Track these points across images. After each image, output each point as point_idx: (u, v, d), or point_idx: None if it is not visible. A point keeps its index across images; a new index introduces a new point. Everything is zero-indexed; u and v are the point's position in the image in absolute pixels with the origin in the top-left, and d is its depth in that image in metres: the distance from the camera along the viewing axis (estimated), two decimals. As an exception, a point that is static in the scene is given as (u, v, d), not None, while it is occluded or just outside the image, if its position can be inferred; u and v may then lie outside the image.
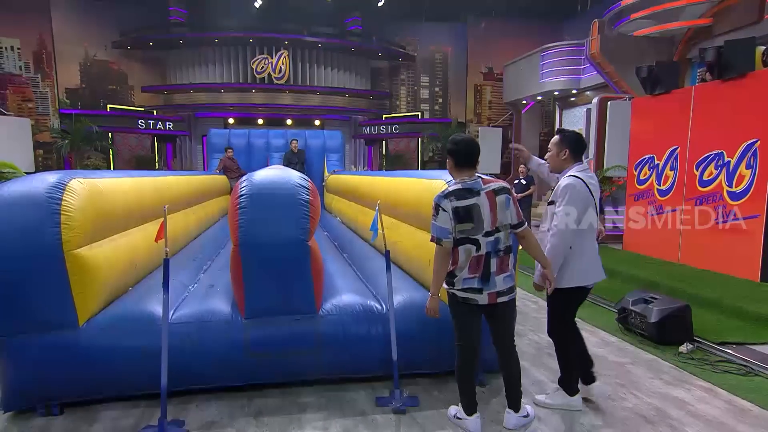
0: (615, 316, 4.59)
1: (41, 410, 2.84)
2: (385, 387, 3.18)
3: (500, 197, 2.57)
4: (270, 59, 16.57)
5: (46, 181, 2.76)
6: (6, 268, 2.60)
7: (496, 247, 2.58)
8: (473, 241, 2.57)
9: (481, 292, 2.58)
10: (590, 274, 2.88)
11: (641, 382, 3.39)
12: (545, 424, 2.83)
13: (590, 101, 11.26)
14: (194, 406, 2.98)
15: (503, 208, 2.57)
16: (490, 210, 2.55)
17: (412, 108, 19.18)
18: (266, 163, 10.44)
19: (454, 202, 2.55)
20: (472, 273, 2.58)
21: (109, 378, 2.88)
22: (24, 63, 15.65)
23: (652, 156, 7.23)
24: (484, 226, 2.55)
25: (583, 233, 2.83)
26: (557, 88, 14.08)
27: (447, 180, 3.13)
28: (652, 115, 7.40)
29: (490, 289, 2.58)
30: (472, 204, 2.54)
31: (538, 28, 17.42)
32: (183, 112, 16.74)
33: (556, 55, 13.86)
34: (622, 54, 10.08)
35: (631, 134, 7.81)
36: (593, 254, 2.89)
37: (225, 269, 3.92)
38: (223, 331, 3.01)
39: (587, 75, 13.01)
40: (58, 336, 2.77)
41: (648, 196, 7.30)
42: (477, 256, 2.57)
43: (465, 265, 2.59)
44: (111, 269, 3.09)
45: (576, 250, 2.81)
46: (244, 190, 3.01)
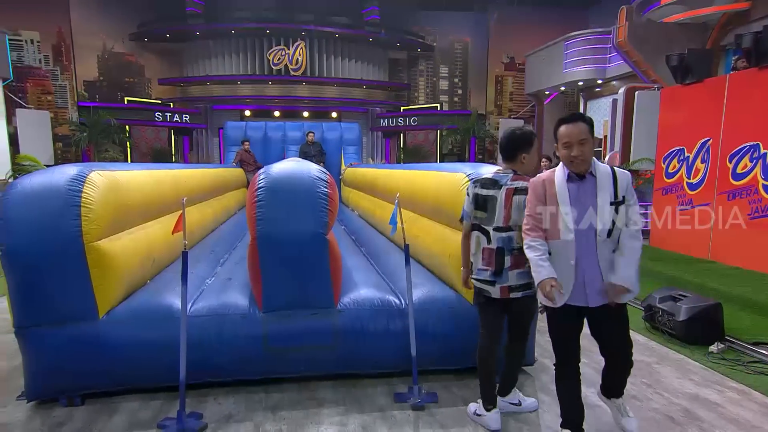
0: (641, 314, 4.51)
1: (63, 401, 2.92)
2: (404, 383, 3.18)
3: (517, 197, 2.59)
4: (287, 50, 16.62)
5: (66, 174, 2.81)
6: (28, 260, 2.68)
7: (510, 245, 2.60)
8: (484, 231, 2.66)
9: (493, 284, 2.63)
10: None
11: (669, 383, 3.33)
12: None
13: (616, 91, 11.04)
14: (212, 399, 3.02)
15: (518, 208, 2.57)
16: (504, 206, 2.60)
17: (431, 99, 19.06)
18: (282, 156, 10.51)
19: (477, 189, 2.71)
20: (486, 265, 2.65)
21: (129, 370, 2.94)
22: (43, 56, 15.98)
23: (681, 148, 7.05)
24: (495, 220, 2.61)
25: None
26: (582, 78, 13.83)
27: (467, 173, 3.24)
28: (682, 106, 7.22)
29: (503, 282, 2.61)
30: (491, 195, 2.64)
31: (562, 16, 17.11)
32: (199, 104, 16.92)
33: (581, 44, 13.60)
34: (651, 42, 9.83)
35: (660, 125, 7.62)
36: None
37: (242, 262, 3.97)
38: (240, 324, 3.04)
39: (613, 64, 12.75)
40: (78, 328, 2.83)
41: (677, 190, 7.14)
42: (488, 248, 2.64)
43: (477, 252, 2.71)
44: (130, 262, 3.14)
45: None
46: (261, 183, 3.02)
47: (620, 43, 10.31)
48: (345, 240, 5.62)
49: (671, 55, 7.22)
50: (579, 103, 15.61)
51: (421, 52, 18.78)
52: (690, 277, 5.45)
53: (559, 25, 15.93)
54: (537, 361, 3.51)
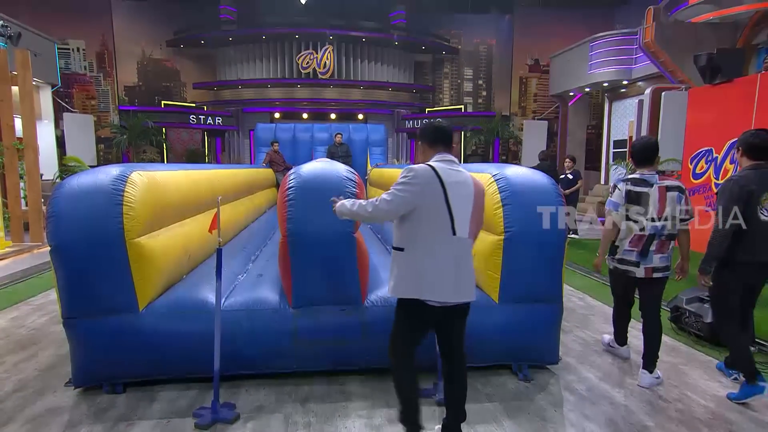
0: (667, 316, 4.38)
1: (106, 388, 3.02)
2: (429, 378, 3.17)
3: (671, 193, 3.11)
4: (315, 54, 16.76)
5: (110, 174, 2.91)
6: (76, 255, 2.78)
7: (660, 231, 3.11)
8: (636, 221, 3.15)
9: (638, 265, 3.18)
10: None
11: (696, 384, 3.23)
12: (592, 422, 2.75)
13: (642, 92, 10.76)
14: (244, 390, 3.08)
15: (673, 202, 3.09)
16: (658, 200, 3.09)
17: (455, 101, 18.93)
18: (311, 157, 10.62)
19: (628, 186, 3.18)
20: (633, 247, 3.19)
21: (166, 360, 3.02)
22: (88, 63, 16.55)
23: (710, 149, 6.83)
24: (650, 212, 3.10)
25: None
26: (607, 79, 13.52)
27: (492, 173, 3.30)
28: (711, 106, 6.98)
29: (648, 264, 3.16)
30: (643, 191, 3.12)
31: (587, 17, 16.78)
32: (231, 107, 17.22)
33: (606, 45, 13.30)
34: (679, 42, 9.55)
35: (687, 126, 7.40)
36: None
37: (272, 259, 4.03)
38: (271, 319, 3.09)
39: (639, 65, 12.42)
40: (120, 319, 2.93)
41: (704, 191, 6.91)
42: (639, 234, 3.14)
43: (626, 238, 3.19)
44: (167, 257, 3.23)
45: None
46: (292, 183, 3.06)
47: (647, 44, 10.05)
48: (371, 238, 5.64)
49: (699, 55, 7.01)
50: (604, 105, 15.26)
51: (446, 54, 18.68)
52: (718, 279, 5.25)
53: (584, 26, 15.62)
54: (561, 360, 3.45)
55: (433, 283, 2.22)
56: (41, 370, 3.37)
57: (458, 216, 2.24)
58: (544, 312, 3.28)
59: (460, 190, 2.26)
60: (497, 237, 3.15)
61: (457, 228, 2.24)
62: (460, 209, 2.25)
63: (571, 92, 15.83)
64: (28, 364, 3.47)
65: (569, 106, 16.60)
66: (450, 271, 2.23)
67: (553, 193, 3.21)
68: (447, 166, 2.29)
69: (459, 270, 2.25)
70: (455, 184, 2.25)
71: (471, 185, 2.31)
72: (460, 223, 2.25)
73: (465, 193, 2.28)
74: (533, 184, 3.25)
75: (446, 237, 2.23)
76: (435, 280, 2.22)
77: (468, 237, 2.30)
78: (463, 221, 2.26)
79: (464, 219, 2.26)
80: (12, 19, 10.18)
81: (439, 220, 2.22)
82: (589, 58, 13.79)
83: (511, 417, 2.80)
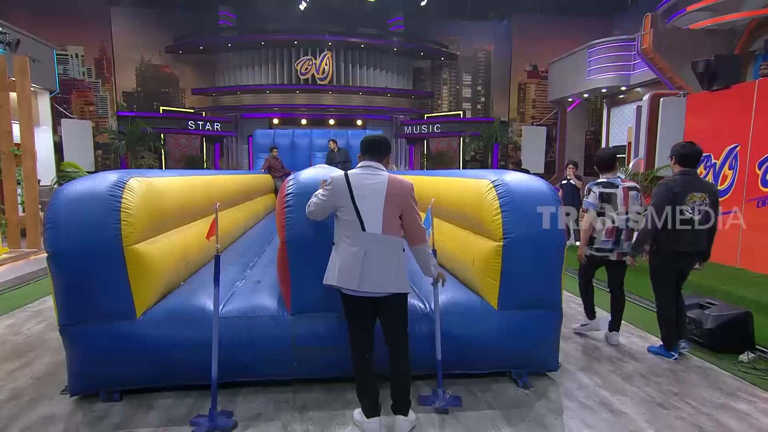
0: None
1: (103, 396, 3.00)
2: (428, 386, 3.16)
3: (632, 192, 3.92)
4: (314, 60, 16.84)
5: (108, 180, 2.91)
6: (73, 262, 2.77)
7: (626, 223, 3.87)
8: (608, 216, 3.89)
9: (612, 251, 3.96)
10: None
11: (696, 391, 3.22)
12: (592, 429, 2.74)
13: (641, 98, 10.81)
14: (242, 398, 3.06)
15: (633, 199, 3.90)
16: (623, 198, 3.86)
17: (454, 107, 19.03)
18: (309, 162, 10.63)
19: (600, 188, 3.94)
20: (608, 237, 3.93)
21: (164, 368, 3.00)
22: (87, 69, 16.61)
23: (708, 155, 6.85)
24: (618, 208, 3.86)
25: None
26: (605, 86, 13.60)
27: (491, 179, 3.31)
28: (709, 112, 7.02)
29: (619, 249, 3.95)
30: (612, 192, 3.90)
31: (585, 24, 16.91)
32: (230, 113, 17.28)
33: (605, 51, 13.39)
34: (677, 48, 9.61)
35: (686, 132, 7.42)
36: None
37: (270, 265, 4.02)
38: (269, 326, 3.07)
39: (638, 71, 12.50)
40: (118, 326, 2.91)
41: (704, 197, 6.92)
42: (612, 227, 3.89)
43: (602, 230, 3.92)
44: (165, 264, 3.22)
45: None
46: (291, 189, 3.06)
47: (645, 50, 10.11)
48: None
49: (697, 62, 7.05)
50: (602, 111, 15.33)
51: (445, 60, 18.78)
52: (717, 285, 5.27)
53: (583, 32, 15.73)
54: (561, 367, 3.44)
55: (343, 273, 2.52)
56: (37, 378, 3.35)
57: (366, 214, 2.51)
58: (543, 318, 3.27)
59: (367, 191, 2.53)
60: (496, 243, 3.16)
61: (366, 225, 2.51)
62: (368, 208, 2.51)
63: (569, 98, 15.91)
64: (24, 372, 3.45)
65: (568, 111, 16.68)
66: (357, 264, 2.49)
67: (552, 199, 3.21)
68: (363, 171, 2.61)
69: (369, 263, 2.49)
70: (363, 186, 2.54)
71: (384, 186, 2.54)
72: (370, 220, 2.51)
73: (374, 194, 2.53)
74: (532, 190, 3.25)
75: (356, 233, 2.52)
76: (344, 270, 2.52)
77: (382, 233, 2.52)
78: (374, 219, 2.51)
79: (374, 217, 2.51)
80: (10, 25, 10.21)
81: (350, 218, 2.53)
82: (588, 64, 13.87)
83: (510, 424, 2.79)
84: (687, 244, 3.65)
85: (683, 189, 3.61)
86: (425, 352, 3.08)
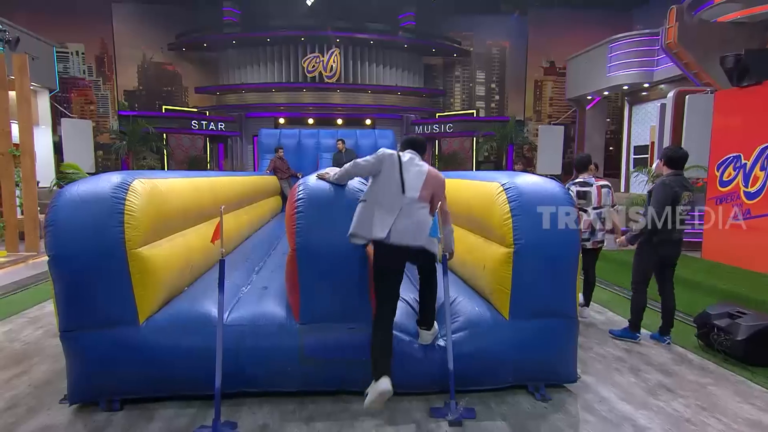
0: (694, 332, 4.33)
1: (103, 405, 3.02)
2: (440, 398, 3.15)
3: (604, 189, 4.73)
4: (321, 58, 16.93)
5: (111, 182, 2.94)
6: (75, 266, 2.80)
7: (600, 216, 4.70)
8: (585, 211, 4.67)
9: (589, 240, 4.73)
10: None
11: (727, 406, 3.18)
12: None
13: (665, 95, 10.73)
14: (246, 408, 3.07)
15: (605, 195, 4.73)
16: (597, 195, 4.69)
17: (467, 106, 19.00)
18: (316, 164, 10.66)
19: (577, 187, 4.71)
20: (586, 228, 4.69)
21: (166, 376, 3.02)
22: (87, 67, 16.85)
23: (738, 155, 6.77)
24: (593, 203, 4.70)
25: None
26: (627, 82, 13.50)
27: (502, 182, 3.32)
28: (739, 110, 6.94)
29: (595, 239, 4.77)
30: (587, 190, 4.69)
31: (605, 18, 16.83)
32: (234, 112, 17.41)
33: (626, 47, 13.30)
34: (704, 42, 9.52)
35: (714, 131, 7.35)
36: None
37: (277, 271, 4.04)
38: (277, 335, 3.08)
39: (661, 67, 12.40)
40: (120, 333, 2.94)
41: (732, 199, 6.84)
42: (587, 220, 4.68)
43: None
44: (169, 269, 3.24)
45: None
46: (301, 195, 3.07)
47: (670, 45, 10.03)
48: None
49: (726, 56, 6.97)
50: (624, 109, 15.22)
51: (458, 57, 18.78)
52: (748, 293, 5.19)
53: (602, 27, 15.66)
54: (580, 378, 3.42)
55: (378, 226, 2.91)
56: (35, 387, 3.38)
57: (408, 184, 2.98)
58: (558, 327, 3.25)
59: (414, 169, 3.03)
60: (506, 249, 3.14)
61: (407, 190, 2.96)
62: (410, 179, 2.99)
63: (588, 96, 15.82)
64: (21, 380, 3.48)
65: (587, 110, 16.58)
66: (391, 218, 2.92)
67: (566, 201, 3.19)
68: (409, 158, 3.08)
69: (402, 219, 2.93)
70: (409, 165, 3.03)
71: (425, 171, 3.06)
72: (410, 187, 2.98)
73: (417, 174, 3.02)
74: (545, 192, 3.23)
75: (396, 194, 2.96)
76: (380, 222, 2.91)
77: (418, 199, 2.98)
78: (413, 187, 2.98)
79: (414, 187, 2.98)
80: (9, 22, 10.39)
81: (393, 181, 2.97)
82: (608, 60, 13.78)
83: (528, 439, 2.77)
84: (676, 236, 4.18)
85: (679, 188, 4.08)
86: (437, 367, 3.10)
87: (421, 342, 3.18)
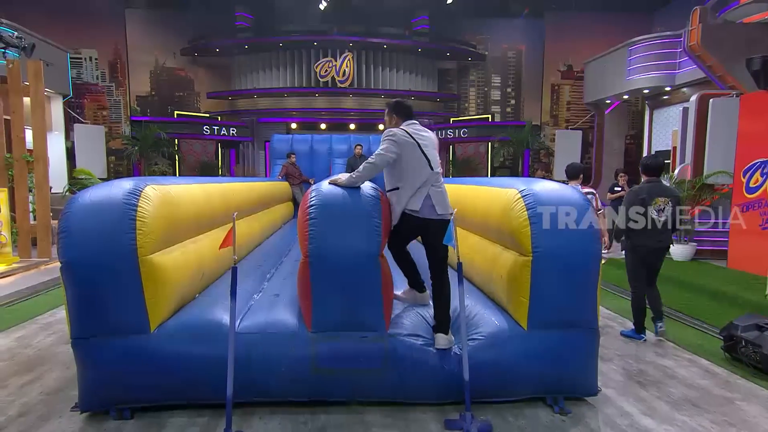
0: (720, 344, 4.24)
1: (113, 413, 3.05)
2: (455, 409, 3.13)
3: (589, 196, 4.45)
4: (334, 62, 17.02)
5: (123, 188, 2.98)
6: (87, 272, 2.84)
7: None
8: None
9: None
10: None
11: (757, 423, 3.10)
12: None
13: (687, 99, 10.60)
14: (257, 418, 3.08)
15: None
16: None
17: (482, 110, 18.94)
18: (329, 169, 10.71)
19: None
20: None
21: (177, 384, 3.05)
22: (100, 72, 17.15)
23: (765, 160, 6.66)
24: None
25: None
26: (647, 86, 13.35)
27: (519, 189, 3.30)
28: (766, 114, 6.83)
29: None
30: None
31: (624, 20, 16.69)
32: (246, 117, 17.55)
33: (646, 49, 13.17)
34: (728, 44, 9.38)
35: (740, 135, 7.24)
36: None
37: (289, 278, 4.05)
38: (289, 343, 3.09)
39: (684, 70, 12.25)
40: (132, 340, 2.97)
41: (760, 206, 6.72)
42: None
43: None
44: (181, 275, 3.27)
45: None
46: (314, 201, 3.08)
47: (693, 47, 9.91)
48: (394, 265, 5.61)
49: (753, 59, 6.88)
50: (644, 113, 15.06)
51: (472, 61, 18.75)
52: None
53: (621, 29, 15.53)
54: (600, 391, 3.36)
55: (426, 207, 3.19)
56: (47, 394, 3.43)
57: (431, 157, 3.25)
58: (578, 339, 3.21)
59: (426, 140, 3.28)
60: (525, 257, 3.12)
61: (433, 165, 3.24)
62: (431, 153, 3.27)
63: (607, 100, 15.68)
64: (33, 387, 3.54)
65: (606, 114, 16.43)
66: (429, 194, 3.20)
67: (585, 208, 3.16)
68: (413, 127, 3.32)
69: (436, 192, 3.22)
70: (422, 137, 3.28)
71: (433, 137, 3.40)
72: (434, 161, 3.26)
73: (431, 143, 3.32)
74: (564, 200, 3.21)
75: (427, 171, 3.22)
76: (428, 203, 3.19)
77: (440, 171, 3.33)
78: (435, 161, 3.27)
79: (435, 160, 3.27)
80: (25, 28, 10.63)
81: (419, 162, 3.20)
82: (628, 63, 13.66)
83: (547, 454, 2.73)
84: (655, 242, 4.52)
85: (648, 194, 4.49)
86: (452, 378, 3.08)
87: (436, 346, 3.15)
